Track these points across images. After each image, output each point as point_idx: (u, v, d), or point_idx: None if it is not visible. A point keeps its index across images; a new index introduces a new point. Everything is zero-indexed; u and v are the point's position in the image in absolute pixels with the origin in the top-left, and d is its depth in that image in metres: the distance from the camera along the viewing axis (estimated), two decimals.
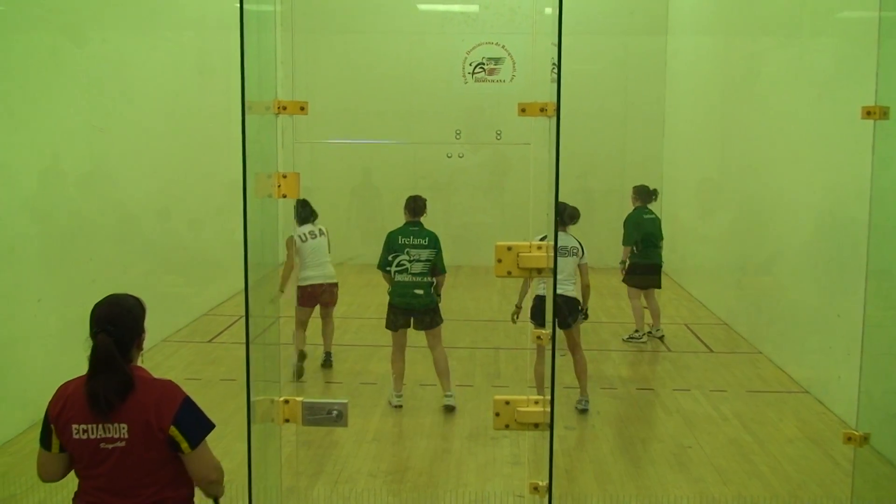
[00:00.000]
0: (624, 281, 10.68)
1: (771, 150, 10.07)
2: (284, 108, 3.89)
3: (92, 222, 8.52)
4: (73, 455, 3.51)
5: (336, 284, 9.13)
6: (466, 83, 15.13)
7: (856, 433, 4.74)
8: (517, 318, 8.12)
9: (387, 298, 8.10)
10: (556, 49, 3.55)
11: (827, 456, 6.98)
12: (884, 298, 4.91)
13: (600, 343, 10.54)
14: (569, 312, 7.98)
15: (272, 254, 4.07)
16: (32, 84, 7.50)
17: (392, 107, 14.94)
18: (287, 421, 3.88)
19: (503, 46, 15.03)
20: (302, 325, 9.09)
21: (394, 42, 15.32)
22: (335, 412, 3.84)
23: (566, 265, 7.87)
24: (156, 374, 3.81)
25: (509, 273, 3.57)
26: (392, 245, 7.95)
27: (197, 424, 3.56)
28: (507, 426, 3.77)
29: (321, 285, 8.98)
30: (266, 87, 3.82)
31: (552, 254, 3.55)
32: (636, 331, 10.53)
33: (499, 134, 14.19)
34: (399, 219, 8.03)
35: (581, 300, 8.06)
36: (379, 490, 6.33)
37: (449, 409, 7.90)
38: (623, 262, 10.62)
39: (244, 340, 3.73)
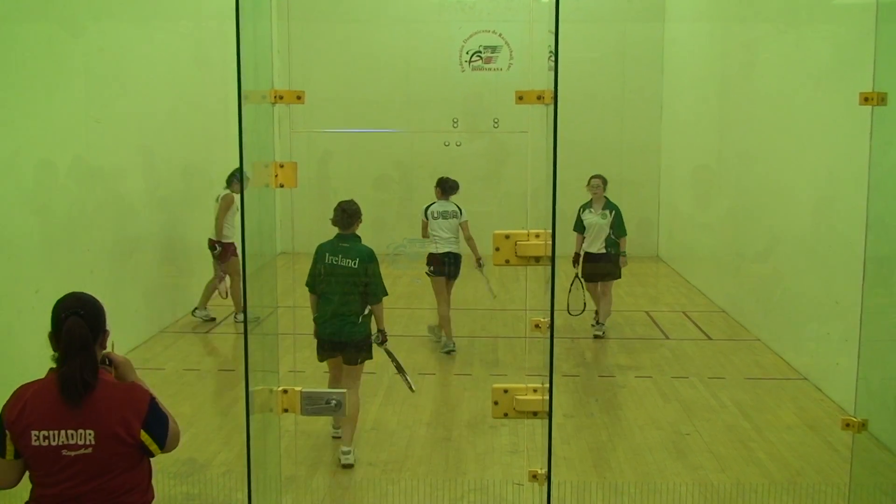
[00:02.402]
0: (618, 277, 10.35)
1: (769, 137, 10.06)
2: (281, 98, 3.88)
3: (90, 213, 8.51)
4: (30, 462, 3.36)
5: (208, 240, 10.47)
6: (463, 71, 15.09)
7: (854, 419, 4.76)
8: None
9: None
10: (553, 37, 3.53)
11: (825, 442, 6.99)
12: (882, 285, 4.92)
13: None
14: (455, 266, 9.49)
15: (270, 243, 4.06)
16: (29, 75, 7.47)
17: (389, 95, 14.91)
18: (286, 411, 3.88)
19: (500, 34, 14.98)
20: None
21: (390, 30, 15.28)
22: (334, 402, 3.84)
23: (450, 227, 9.39)
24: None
25: (507, 261, 3.57)
26: (317, 262, 6.76)
27: (161, 424, 3.46)
28: (505, 415, 3.78)
29: None
30: (262, 76, 3.81)
31: (550, 242, 3.55)
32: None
33: (496, 122, 14.16)
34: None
35: (473, 253, 9.47)
36: (378, 479, 6.34)
37: (347, 467, 6.50)
38: (624, 254, 10.18)
39: (243, 330, 3.72)
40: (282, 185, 3.84)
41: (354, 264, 6.60)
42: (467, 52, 15.12)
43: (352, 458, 6.53)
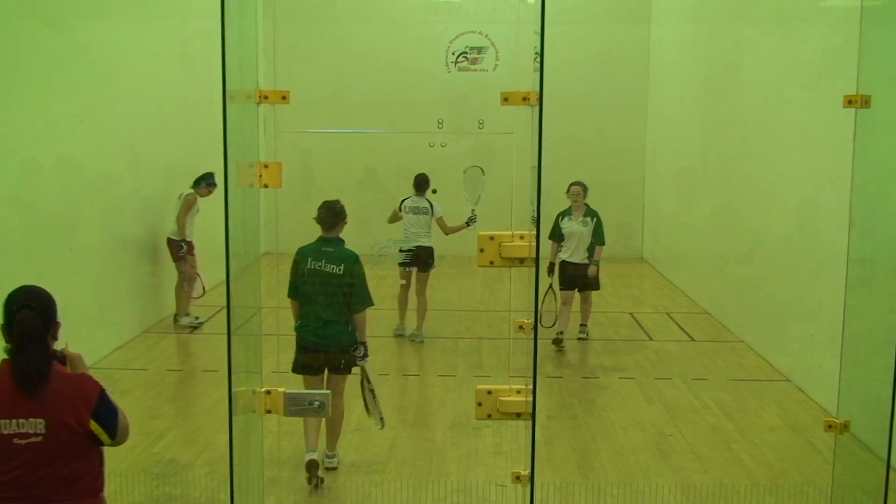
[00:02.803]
0: (597, 288, 10.09)
1: (753, 139, 10.10)
2: (266, 98, 3.87)
3: (74, 213, 8.46)
4: None
5: (169, 240, 10.39)
6: (449, 72, 15.09)
7: (836, 421, 4.77)
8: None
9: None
10: (539, 38, 3.54)
11: (808, 443, 7.02)
12: (864, 286, 4.94)
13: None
14: (428, 259, 9.86)
15: (254, 244, 4.04)
16: (12, 73, 7.42)
17: (375, 96, 14.87)
18: (269, 412, 3.87)
19: (486, 35, 14.99)
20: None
21: (376, 30, 15.24)
22: (317, 403, 3.83)
23: (419, 222, 9.81)
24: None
25: (492, 263, 3.57)
26: (299, 267, 6.36)
27: (111, 414, 3.55)
28: (489, 416, 3.78)
29: None
30: (247, 75, 3.80)
31: (534, 243, 3.55)
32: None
33: (481, 123, 14.16)
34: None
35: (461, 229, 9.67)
36: (361, 480, 6.33)
37: (330, 470, 6.43)
38: (597, 263, 9.81)
39: (226, 331, 3.71)
40: (266, 186, 3.83)
41: (339, 270, 6.26)
42: (453, 53, 15.13)
43: (335, 462, 6.48)
